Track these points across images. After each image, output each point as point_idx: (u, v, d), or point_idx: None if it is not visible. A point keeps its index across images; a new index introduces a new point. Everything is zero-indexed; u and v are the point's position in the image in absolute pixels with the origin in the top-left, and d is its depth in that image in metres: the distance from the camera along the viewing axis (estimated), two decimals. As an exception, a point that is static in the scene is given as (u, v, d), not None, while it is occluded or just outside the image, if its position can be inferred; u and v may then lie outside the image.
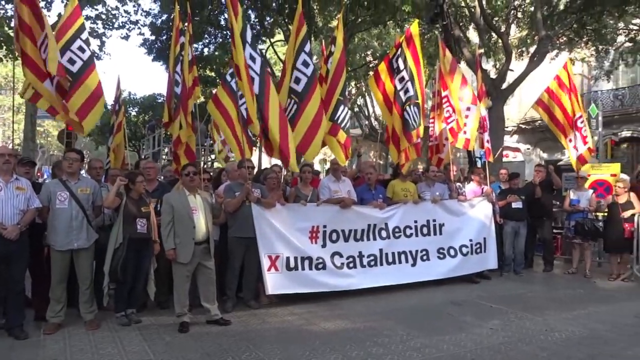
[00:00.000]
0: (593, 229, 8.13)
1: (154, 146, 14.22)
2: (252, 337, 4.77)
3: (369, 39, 21.65)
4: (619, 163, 10.81)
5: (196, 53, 17.34)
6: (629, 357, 4.36)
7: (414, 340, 4.68)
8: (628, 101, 21.35)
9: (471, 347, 4.55)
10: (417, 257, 7.09)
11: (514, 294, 6.89)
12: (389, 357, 4.24)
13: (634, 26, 16.72)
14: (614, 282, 7.72)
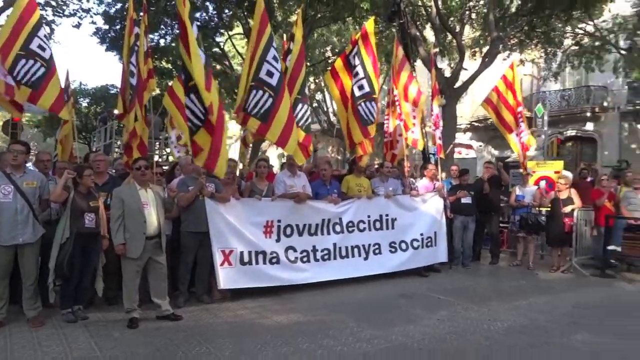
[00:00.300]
0: (536, 223, 8.54)
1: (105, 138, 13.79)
2: (204, 332, 4.76)
3: (329, 34, 21.76)
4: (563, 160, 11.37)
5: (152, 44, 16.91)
6: (563, 344, 4.61)
7: (364, 332, 4.80)
8: (573, 102, 22.37)
9: (419, 337, 4.70)
10: (369, 251, 7.23)
11: (461, 286, 7.15)
12: (339, 349, 4.32)
13: (579, 30, 17.52)
14: (554, 274, 8.13)
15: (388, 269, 7.30)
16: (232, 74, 19.76)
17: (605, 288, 7.20)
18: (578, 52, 17.27)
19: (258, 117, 6.32)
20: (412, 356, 4.22)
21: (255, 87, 6.28)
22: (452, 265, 8.36)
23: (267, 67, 6.30)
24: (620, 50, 16.77)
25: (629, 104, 20.59)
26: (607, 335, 4.87)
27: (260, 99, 6.30)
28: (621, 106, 21.02)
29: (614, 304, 6.28)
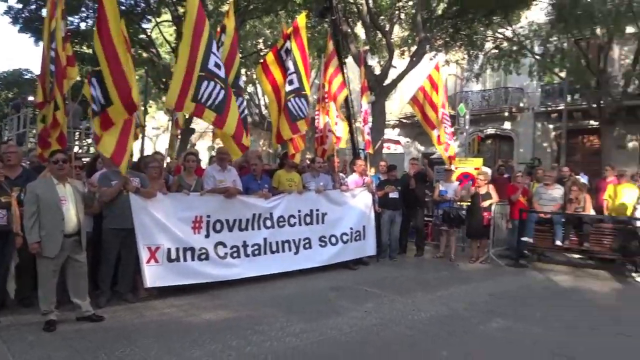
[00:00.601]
0: (458, 217, 9.00)
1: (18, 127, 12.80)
2: (128, 333, 4.59)
3: (261, 26, 21.53)
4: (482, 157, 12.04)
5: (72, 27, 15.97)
6: (480, 331, 4.91)
7: (294, 326, 4.84)
8: (493, 102, 23.72)
9: (347, 330, 4.81)
10: (299, 245, 7.29)
11: (388, 278, 7.38)
12: (268, 344, 4.33)
13: (499, 35, 18.54)
14: (473, 265, 8.61)
15: (318, 263, 7.39)
16: (159, 62, 19.05)
17: (519, 277, 7.73)
18: (498, 55, 18.26)
19: (213, 108, 6.22)
20: (341, 349, 4.31)
21: (205, 78, 6.13)
22: (380, 258, 8.62)
23: (214, 59, 6.19)
24: (534, 55, 17.94)
25: (541, 105, 22.15)
26: (521, 322, 5.24)
27: (212, 91, 6.20)
28: (535, 107, 22.57)
29: (526, 293, 6.75)
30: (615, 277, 7.78)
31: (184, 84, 6.06)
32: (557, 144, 21.52)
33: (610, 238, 8.12)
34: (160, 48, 20.89)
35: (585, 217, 8.37)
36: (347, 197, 8.01)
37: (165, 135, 28.55)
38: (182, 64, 6.09)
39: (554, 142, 22.19)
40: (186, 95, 6.08)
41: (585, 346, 4.51)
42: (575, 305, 6.10)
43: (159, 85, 20.80)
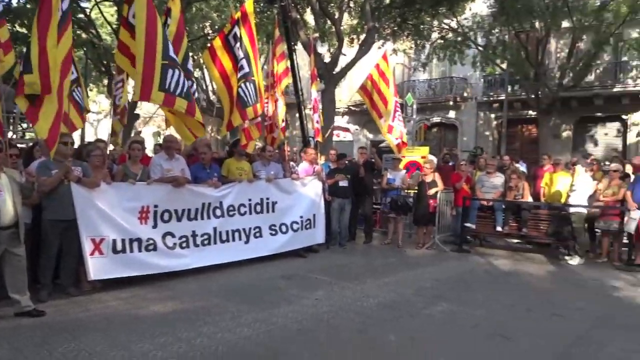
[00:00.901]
0: (405, 205, 9.23)
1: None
2: (72, 327, 4.43)
3: (208, 9, 20.97)
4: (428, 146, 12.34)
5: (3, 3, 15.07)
6: (425, 316, 5.10)
7: (245, 316, 4.84)
8: (439, 91, 24.36)
9: (298, 318, 4.87)
10: (250, 234, 7.26)
11: (337, 265, 7.51)
12: (219, 335, 4.32)
13: (445, 26, 19.00)
14: (420, 250, 8.89)
15: (269, 251, 7.41)
16: (100, 44, 18.22)
17: (462, 262, 8.05)
18: (443, 46, 18.71)
19: (183, 96, 6.14)
20: (292, 337, 4.36)
21: (169, 67, 6.02)
22: (330, 246, 8.74)
23: (170, 46, 6.04)
24: (478, 47, 18.54)
25: (484, 95, 22.98)
26: (463, 305, 5.48)
27: (179, 79, 6.11)
28: (478, 97, 23.38)
29: (469, 277, 7.06)
30: (550, 260, 8.27)
31: (146, 74, 5.90)
32: (498, 132, 22.41)
33: (545, 223, 8.61)
34: (101, 29, 19.96)
35: (524, 204, 8.80)
36: (297, 186, 8.04)
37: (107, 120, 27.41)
38: (140, 53, 5.91)
39: (495, 130, 23.11)
40: (151, 86, 5.93)
41: (522, 327, 4.78)
42: (514, 288, 6.45)
43: (99, 68, 19.92)
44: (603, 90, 19.86)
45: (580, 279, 7.01)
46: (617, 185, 8.02)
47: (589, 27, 16.40)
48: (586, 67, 17.35)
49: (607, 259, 8.11)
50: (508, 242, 9.67)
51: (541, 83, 17.85)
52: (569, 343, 4.35)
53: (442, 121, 24.69)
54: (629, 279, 7.00)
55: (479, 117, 23.74)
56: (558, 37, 20.54)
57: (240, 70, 7.63)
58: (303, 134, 10.37)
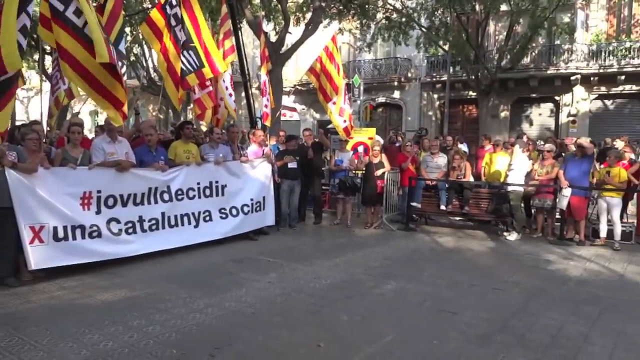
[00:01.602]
0: (353, 185, 9.37)
1: None
2: (13, 320, 4.24)
3: (146, -17, 20.05)
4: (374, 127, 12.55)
5: None
6: (376, 294, 5.27)
7: (197, 302, 4.81)
8: (384, 71, 24.67)
9: (251, 301, 4.89)
10: (199, 218, 7.17)
11: (288, 247, 7.57)
12: (172, 322, 4.27)
13: (390, 6, 19.16)
14: (368, 230, 9.11)
15: (219, 235, 7.36)
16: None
17: (409, 240, 8.32)
18: (388, 26, 18.92)
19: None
20: (246, 321, 4.38)
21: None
22: (280, 227, 8.77)
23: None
24: (421, 28, 18.88)
25: (427, 75, 23.52)
26: (411, 282, 5.70)
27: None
28: (421, 77, 23.90)
29: (416, 255, 7.32)
30: (490, 237, 8.72)
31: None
32: (441, 112, 23.11)
33: (486, 202, 9.05)
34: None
35: (466, 183, 9.18)
36: (246, 168, 7.98)
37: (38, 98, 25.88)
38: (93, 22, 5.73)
39: (438, 111, 23.79)
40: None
41: (466, 302, 5.05)
42: (458, 264, 6.76)
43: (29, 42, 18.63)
44: (538, 72, 20.85)
45: (518, 254, 7.44)
46: (550, 164, 8.51)
47: (526, 11, 17.08)
48: (522, 50, 18.13)
49: (541, 234, 8.64)
50: (451, 220, 10.09)
51: (481, 65, 18.48)
52: (508, 316, 4.64)
53: (387, 101, 25.10)
54: (561, 253, 7.51)
55: (422, 97, 24.32)
56: (497, 20, 21.30)
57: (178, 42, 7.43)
58: (250, 115, 10.25)
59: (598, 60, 19.97)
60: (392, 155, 9.90)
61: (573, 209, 8.08)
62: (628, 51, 19.52)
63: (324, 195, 10.56)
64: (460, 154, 9.37)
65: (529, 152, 9.58)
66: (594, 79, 20.21)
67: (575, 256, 7.30)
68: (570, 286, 5.76)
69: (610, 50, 19.84)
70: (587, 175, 8.13)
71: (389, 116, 25.66)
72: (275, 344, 3.89)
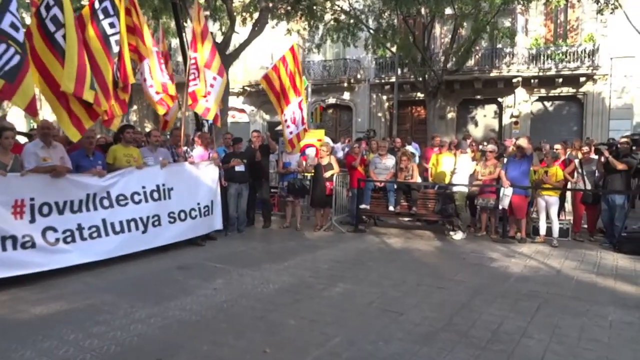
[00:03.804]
0: (302, 188, 9.42)
1: None
2: (-64, 340, 4.00)
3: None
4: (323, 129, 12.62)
5: None
6: (324, 297, 5.31)
7: (139, 312, 4.69)
8: (333, 72, 24.88)
9: (197, 309, 4.82)
10: (148, 223, 7.00)
11: (236, 252, 7.52)
12: (111, 334, 4.15)
13: (337, 7, 19.36)
14: (318, 233, 9.17)
15: (166, 240, 7.24)
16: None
17: (358, 242, 8.44)
18: (336, 28, 19.11)
19: (1, 75, 5.49)
20: (191, 329, 4.31)
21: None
22: (228, 232, 8.69)
23: (10, 18, 5.52)
24: (369, 29, 19.19)
25: (376, 77, 23.93)
26: (359, 284, 5.79)
27: (4, 54, 5.49)
28: (370, 79, 24.29)
29: (365, 256, 7.42)
30: (437, 236, 8.99)
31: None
32: (390, 114, 23.56)
33: (433, 202, 9.30)
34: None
35: (413, 184, 9.40)
36: (193, 171, 7.85)
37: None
38: None
39: (387, 112, 24.25)
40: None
41: (412, 301, 5.18)
42: (405, 264, 6.92)
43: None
44: (481, 75, 21.68)
45: (462, 252, 7.70)
46: (493, 165, 8.88)
47: (469, 15, 17.70)
48: (467, 53, 18.76)
49: (485, 233, 8.99)
50: (400, 221, 10.31)
51: (427, 67, 19.00)
52: (452, 313, 4.80)
53: (337, 102, 25.34)
54: (503, 250, 7.84)
55: (372, 98, 24.72)
56: (442, 23, 21.98)
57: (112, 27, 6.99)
58: (196, 117, 10.08)
59: (537, 64, 20.96)
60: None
61: (514, 208, 8.48)
62: (565, 55, 20.60)
63: (272, 198, 10.56)
64: (407, 155, 9.58)
65: (473, 153, 9.96)
66: (534, 81, 21.20)
67: (516, 253, 7.64)
68: (511, 283, 6.02)
69: (548, 54, 20.88)
70: (527, 175, 8.53)
71: (339, 117, 25.92)
72: (221, 351, 3.86)
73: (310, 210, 10.43)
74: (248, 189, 9.06)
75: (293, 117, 9.78)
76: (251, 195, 9.33)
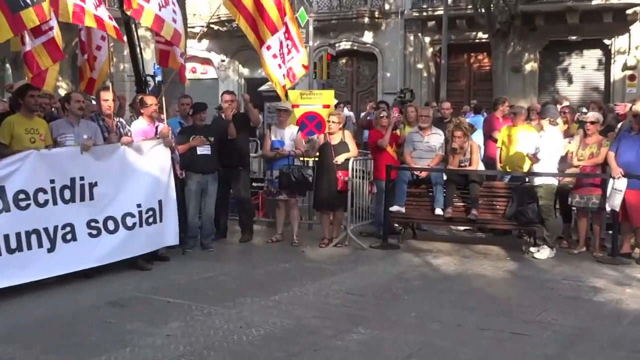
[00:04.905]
0: (301, 180, 9.34)
1: None
2: None
3: None
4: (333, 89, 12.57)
5: None
6: (336, 348, 5.29)
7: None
8: (347, 3, 24.72)
9: (139, 368, 4.86)
10: (56, 237, 7.02)
11: (200, 279, 7.55)
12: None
13: None
14: (325, 249, 9.21)
15: (89, 263, 7.28)
16: None
17: (388, 264, 8.45)
18: None
19: None
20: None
21: None
22: (187, 249, 8.73)
23: None
24: None
25: (413, 8, 23.68)
26: (389, 328, 5.78)
27: None
28: (405, 10, 24.02)
29: (398, 285, 7.40)
30: (510, 255, 8.98)
31: None
32: (436, 64, 23.47)
33: (503, 202, 9.20)
34: None
35: (473, 174, 9.32)
36: (130, 156, 7.84)
37: None
38: None
39: (432, 62, 24.13)
40: None
41: (472, 354, 5.16)
42: (461, 298, 6.91)
43: None
44: (578, 3, 21.38)
45: (550, 279, 7.68)
46: (596, 143, 8.78)
47: None
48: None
49: (585, 249, 8.96)
50: (453, 231, 10.28)
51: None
52: (535, 373, 4.80)
53: (354, 48, 25.25)
54: (613, 276, 7.80)
55: (407, 41, 24.57)
56: None
57: None
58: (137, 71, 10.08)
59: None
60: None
61: (630, 210, 8.40)
62: None
63: (255, 196, 10.55)
64: (463, 129, 9.48)
65: (566, 124, 9.83)
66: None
67: (634, 280, 7.60)
68: (625, 326, 5.99)
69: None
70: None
71: (357, 71, 25.86)
72: None
73: (313, 215, 10.41)
74: (217, 183, 9.07)
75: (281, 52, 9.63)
76: (222, 191, 9.36)
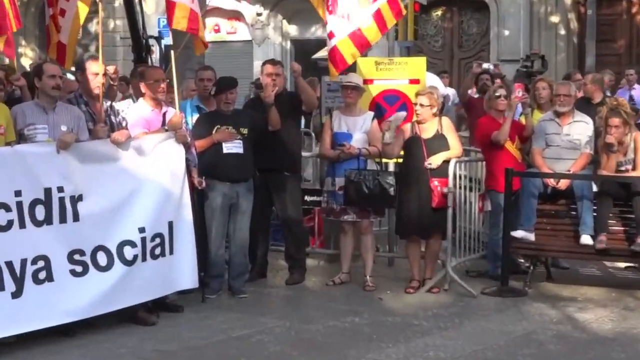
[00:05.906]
0: (379, 192, 9.33)
1: None
2: None
3: None
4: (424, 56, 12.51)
5: None
6: None
7: None
8: None
9: None
10: (24, 275, 7.13)
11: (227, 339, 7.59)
12: None
13: None
14: (414, 296, 9.18)
15: (70, 314, 7.36)
16: None
17: (510, 318, 8.37)
18: None
19: None
20: None
21: None
22: (208, 295, 8.79)
23: None
24: None
25: None
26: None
27: None
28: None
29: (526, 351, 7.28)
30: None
31: None
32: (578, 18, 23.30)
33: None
34: None
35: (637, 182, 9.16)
36: (127, 156, 7.94)
37: None
38: None
39: (573, 14, 23.95)
40: None
41: None
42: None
43: None
44: None
45: None
46: None
47: None
48: None
49: None
50: (609, 268, 10.13)
51: None
52: None
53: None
54: None
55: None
56: None
57: None
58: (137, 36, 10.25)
59: None
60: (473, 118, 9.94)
61: None
62: None
63: (309, 216, 10.58)
64: (623, 115, 9.35)
65: None
66: None
67: None
68: None
69: None
70: None
71: (457, 27, 25.86)
72: None
73: (395, 245, 10.41)
74: (252, 196, 9.15)
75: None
76: (261, 209, 9.44)
